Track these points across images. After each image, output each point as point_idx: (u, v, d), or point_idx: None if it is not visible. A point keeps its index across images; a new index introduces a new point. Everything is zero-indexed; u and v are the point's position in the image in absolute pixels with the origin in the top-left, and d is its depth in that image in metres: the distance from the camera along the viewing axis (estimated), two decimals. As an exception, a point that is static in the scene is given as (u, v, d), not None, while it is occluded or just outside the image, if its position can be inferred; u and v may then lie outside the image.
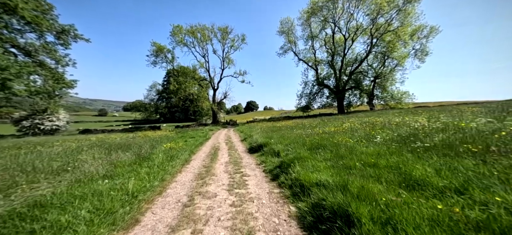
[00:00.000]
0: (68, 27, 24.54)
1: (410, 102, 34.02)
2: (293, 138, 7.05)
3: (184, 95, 38.28)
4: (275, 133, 9.79)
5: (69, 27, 24.56)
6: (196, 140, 11.15)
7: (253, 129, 16.05)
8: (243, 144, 9.97)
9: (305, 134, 7.68)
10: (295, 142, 6.05)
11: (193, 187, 3.76)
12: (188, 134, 14.62)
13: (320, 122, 13.14)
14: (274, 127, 14.42)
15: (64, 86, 24.90)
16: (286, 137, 7.56)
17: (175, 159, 5.65)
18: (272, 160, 5.20)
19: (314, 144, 5.23)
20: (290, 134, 8.32)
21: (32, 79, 22.33)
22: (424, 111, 14.88)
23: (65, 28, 24.21)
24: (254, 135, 10.15)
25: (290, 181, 3.43)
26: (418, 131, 5.13)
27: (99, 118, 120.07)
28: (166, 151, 6.56)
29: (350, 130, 7.09)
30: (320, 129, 8.37)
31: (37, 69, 21.87)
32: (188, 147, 8.11)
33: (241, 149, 8.28)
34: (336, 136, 6.22)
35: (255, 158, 6.24)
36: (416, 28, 32.02)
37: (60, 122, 25.28)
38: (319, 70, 40.80)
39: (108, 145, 8.64)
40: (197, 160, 6.33)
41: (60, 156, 5.91)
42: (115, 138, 14.13)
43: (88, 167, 4.30)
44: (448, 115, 8.75)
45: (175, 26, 34.71)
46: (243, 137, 12.89)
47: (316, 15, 36.52)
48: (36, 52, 22.59)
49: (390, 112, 20.41)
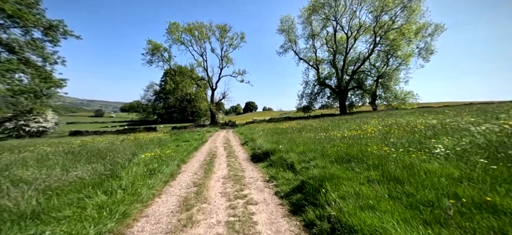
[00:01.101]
0: (57, 22, 23.02)
1: (414, 103, 32.85)
2: (307, 144, 5.74)
3: (181, 95, 36.85)
4: (281, 136, 8.47)
5: (57, 22, 23.04)
6: (190, 144, 9.79)
7: (254, 131, 14.72)
8: (244, 149, 8.64)
9: (320, 139, 6.37)
10: (312, 150, 4.74)
11: (170, 230, 2.46)
12: (183, 137, 13.25)
13: (331, 124, 11.81)
14: (278, 129, 13.10)
15: (52, 85, 23.37)
16: (297, 142, 6.25)
17: (156, 175, 4.24)
18: (286, 175, 3.89)
19: (340, 154, 3.94)
20: (300, 138, 7.00)
21: (16, 78, 20.83)
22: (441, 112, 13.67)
23: (53, 24, 22.69)
24: (257, 138, 8.82)
25: (327, 224, 2.10)
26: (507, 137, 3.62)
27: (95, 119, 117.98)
28: (149, 161, 5.21)
29: (378, 133, 5.80)
30: (337, 132, 7.07)
31: (21, 67, 20.32)
32: (178, 154, 6.76)
33: (242, 156, 6.94)
34: (363, 141, 4.94)
35: (261, 170, 4.92)
36: (420, 26, 30.98)
37: (48, 124, 23.72)
38: (320, 70, 39.62)
39: (86, 151, 7.27)
40: (187, 172, 4.99)
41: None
42: (101, 142, 12.74)
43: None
44: (485, 115, 7.50)
45: (171, 23, 33.32)
46: (244, 140, 11.55)
47: (317, 13, 35.39)
48: (20, 49, 21.05)
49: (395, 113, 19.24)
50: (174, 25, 33.47)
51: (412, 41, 30.80)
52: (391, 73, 33.59)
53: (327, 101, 41.30)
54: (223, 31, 36.84)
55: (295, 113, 53.38)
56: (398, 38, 30.01)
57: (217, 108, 41.54)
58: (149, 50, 34.35)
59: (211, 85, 38.58)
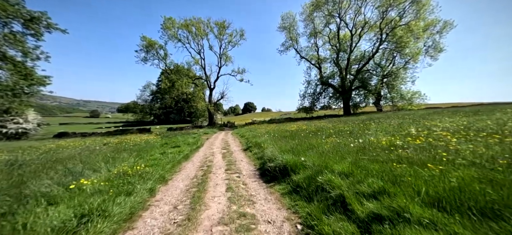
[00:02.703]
0: (39, 14, 21.00)
1: (421, 103, 31.21)
2: (344, 156, 3.95)
3: (177, 95, 34.89)
4: (295, 141, 6.67)
5: (40, 14, 21.02)
6: (180, 150, 7.91)
7: (256, 133, 12.90)
8: (247, 157, 6.82)
9: (357, 147, 4.56)
10: (365, 170, 2.94)
11: None
12: (174, 141, 11.38)
13: (349, 126, 9.96)
14: (284, 131, 11.28)
15: (34, 83, 21.31)
16: (325, 152, 4.45)
17: (94, 222, 2.28)
18: (343, 227, 2.08)
19: (439, 188, 2.09)
20: (325, 145, 5.22)
21: (-10, 74, 18.77)
22: (475, 113, 12.00)
23: (34, 15, 20.67)
24: (265, 144, 7.00)
25: None
26: None
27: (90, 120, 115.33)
28: (103, 185, 3.33)
29: (443, 142, 4.02)
30: (373, 137, 5.26)
31: (-7, 61, 18.25)
32: (159, 168, 4.91)
33: (247, 171, 5.12)
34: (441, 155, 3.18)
35: (281, 200, 3.10)
36: (428, 23, 29.49)
37: (28, 125, 21.63)
38: (322, 69, 37.99)
39: (38, 163, 5.41)
40: (161, 206, 3.10)
41: None
42: (77, 146, 10.85)
43: None
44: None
45: (166, 18, 31.43)
46: (246, 144, 9.73)
47: (320, 10, 33.86)
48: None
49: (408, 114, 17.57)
50: (170, 21, 31.59)
51: (420, 38, 29.30)
52: (397, 72, 32.01)
53: (330, 102, 39.58)
54: (221, 28, 35.05)
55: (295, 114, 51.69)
56: (405, 35, 28.46)
57: (215, 109, 39.64)
58: (143, 46, 32.38)
59: (209, 84, 36.72)
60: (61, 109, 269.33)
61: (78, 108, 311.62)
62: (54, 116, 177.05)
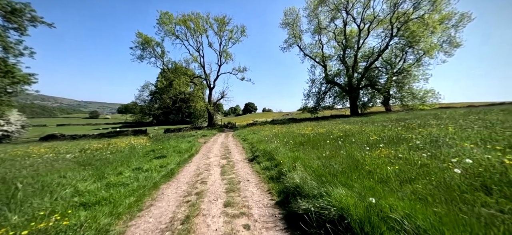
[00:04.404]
0: (21, 6, 19.22)
1: (435, 103, 28.94)
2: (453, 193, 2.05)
3: (175, 94, 33.02)
4: (320, 150, 4.74)
5: (22, 6, 19.24)
6: (164, 163, 5.95)
7: (261, 136, 10.96)
8: (255, 174, 4.90)
9: (431, 167, 2.68)
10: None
11: None
12: (166, 146, 9.44)
13: (393, 129, 7.90)
14: (296, 134, 9.30)
15: (17, 81, 19.51)
16: (390, 178, 2.55)
17: None
18: None
19: None
20: (378, 161, 3.31)
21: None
22: None
23: (16, 7, 18.89)
24: (278, 155, 5.04)
25: None
26: None
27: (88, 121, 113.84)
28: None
29: None
30: (480, 151, 3.34)
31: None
32: (108, 207, 2.93)
33: (260, 206, 3.15)
34: None
35: None
36: (444, 15, 27.41)
37: (11, 127, 19.78)
38: (327, 67, 35.96)
39: None
40: None
41: None
42: (42, 154, 8.96)
43: None
44: None
45: (163, 13, 29.57)
46: (251, 151, 7.81)
47: (326, 4, 31.87)
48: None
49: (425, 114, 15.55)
50: (166, 16, 29.73)
51: (435, 32, 27.22)
52: (409, 70, 29.91)
53: (335, 101, 37.46)
54: (221, 24, 33.16)
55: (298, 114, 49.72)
56: (418, 29, 26.41)
57: (215, 109, 37.74)
58: (139, 43, 30.52)
59: (208, 83, 34.84)
60: (62, 110, 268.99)
61: (78, 109, 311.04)
62: (55, 117, 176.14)
